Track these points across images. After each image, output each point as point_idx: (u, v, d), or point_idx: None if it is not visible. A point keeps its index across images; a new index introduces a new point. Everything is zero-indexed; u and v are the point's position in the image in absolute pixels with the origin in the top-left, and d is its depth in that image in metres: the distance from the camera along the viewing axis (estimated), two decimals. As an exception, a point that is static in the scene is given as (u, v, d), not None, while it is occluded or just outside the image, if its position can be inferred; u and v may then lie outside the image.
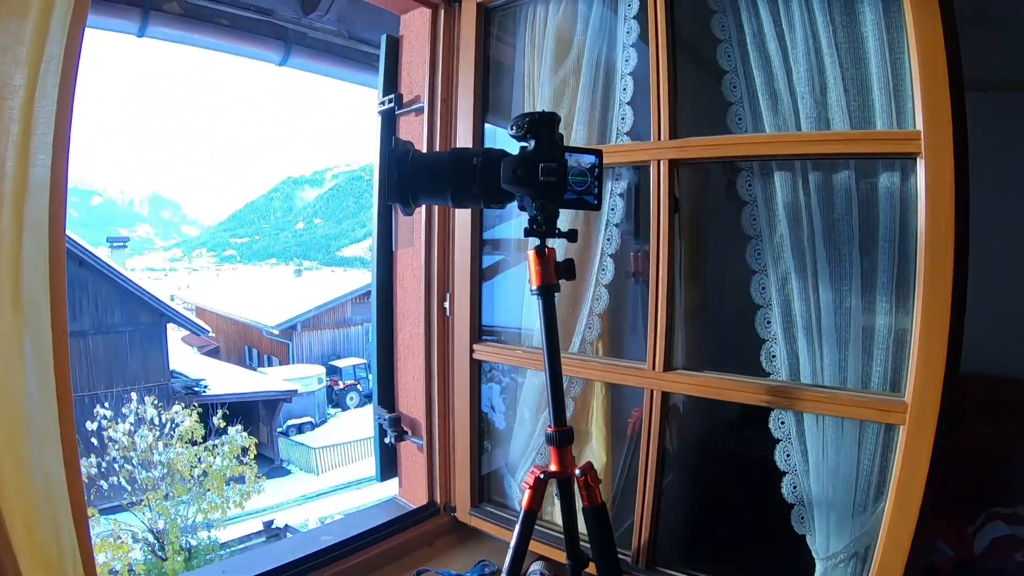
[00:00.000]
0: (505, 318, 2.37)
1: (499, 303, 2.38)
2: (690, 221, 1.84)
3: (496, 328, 2.37)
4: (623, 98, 1.96)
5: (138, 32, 4.74)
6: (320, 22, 4.98)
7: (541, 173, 1.30)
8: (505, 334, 2.37)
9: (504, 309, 2.38)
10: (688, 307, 1.87)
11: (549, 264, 1.36)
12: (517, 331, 2.31)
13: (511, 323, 2.36)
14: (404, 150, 1.40)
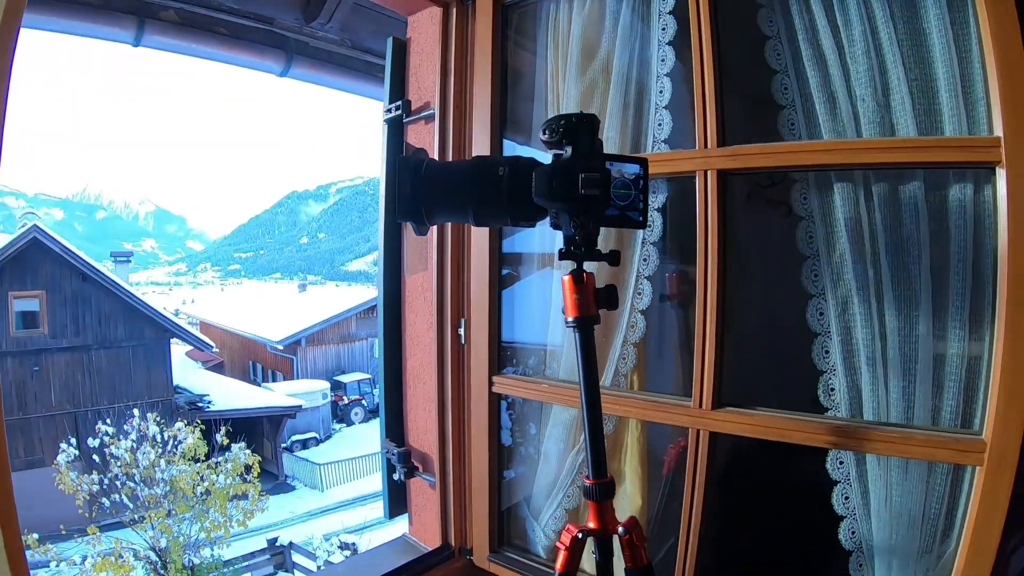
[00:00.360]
0: (526, 333, 2.17)
1: (520, 315, 2.18)
2: (737, 239, 1.63)
3: (516, 345, 2.17)
4: (659, 101, 1.75)
5: (133, 41, 4.58)
6: (322, 31, 4.82)
7: (581, 185, 1.09)
8: (527, 352, 2.17)
9: (526, 323, 2.17)
10: (736, 335, 1.66)
11: (588, 292, 1.16)
12: (541, 348, 2.11)
13: (533, 339, 2.16)
14: (418, 159, 1.20)
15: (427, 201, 1.19)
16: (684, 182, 1.66)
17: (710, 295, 1.58)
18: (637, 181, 1.18)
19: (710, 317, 1.58)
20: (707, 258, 1.57)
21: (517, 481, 2.22)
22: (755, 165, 1.55)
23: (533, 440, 2.19)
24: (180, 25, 4.61)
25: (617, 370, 1.84)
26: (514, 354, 2.18)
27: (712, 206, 1.57)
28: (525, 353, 2.19)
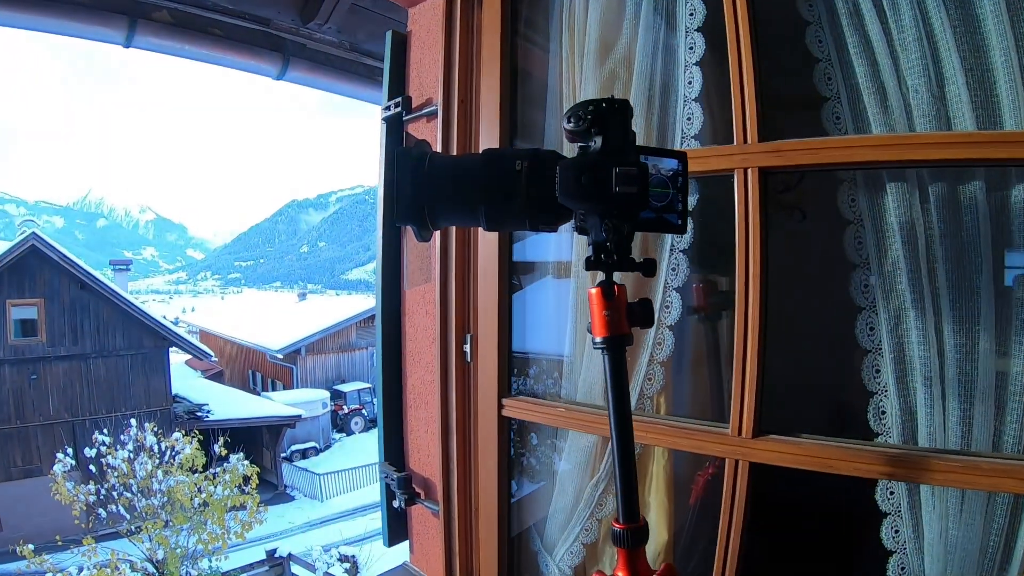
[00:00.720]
0: (539, 340, 2.00)
1: (532, 328, 2.00)
2: (778, 245, 1.45)
3: (529, 355, 1.99)
4: (688, 93, 1.57)
5: (124, 42, 4.44)
6: (320, 32, 4.69)
7: (616, 182, 0.91)
8: (539, 368, 1.98)
9: (538, 336, 2.00)
10: (778, 353, 1.48)
11: (620, 307, 0.98)
12: (555, 361, 1.93)
13: (546, 353, 1.99)
14: (420, 153, 1.02)
15: (431, 201, 1.02)
16: (718, 182, 1.49)
17: (752, 309, 1.39)
18: (675, 178, 1.01)
19: (751, 334, 1.39)
20: (748, 267, 1.39)
21: (529, 510, 2.04)
22: (801, 163, 1.37)
23: (547, 464, 2.01)
24: (173, 26, 4.46)
25: (642, 392, 1.65)
26: (525, 368, 2.01)
27: (753, 208, 1.39)
28: (537, 368, 2.01)
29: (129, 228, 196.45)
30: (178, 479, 11.93)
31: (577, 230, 0.99)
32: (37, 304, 15.26)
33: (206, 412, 17.71)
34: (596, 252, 0.96)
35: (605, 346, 0.98)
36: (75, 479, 12.11)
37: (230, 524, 12.13)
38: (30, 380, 15.02)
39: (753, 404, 1.41)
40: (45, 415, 15.06)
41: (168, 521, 11.68)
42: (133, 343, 16.75)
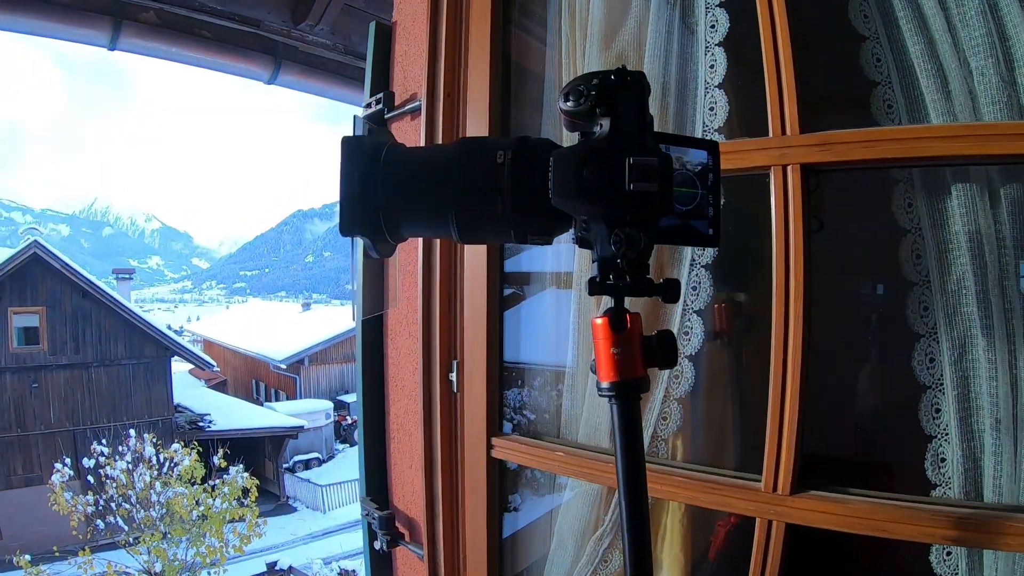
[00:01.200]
0: (536, 350, 1.77)
1: (530, 336, 1.77)
2: (821, 260, 1.20)
3: (523, 365, 1.76)
4: (710, 78, 1.32)
5: (109, 44, 4.26)
6: (312, 34, 4.50)
7: (630, 176, 0.67)
8: (537, 388, 1.75)
9: (537, 347, 1.76)
10: (821, 389, 1.23)
11: (633, 343, 0.74)
12: (556, 370, 1.70)
13: (544, 358, 1.77)
14: (375, 143, 0.79)
15: (388, 205, 0.78)
16: (748, 183, 1.24)
17: (793, 337, 1.13)
18: (705, 175, 0.78)
19: (792, 367, 1.13)
20: (788, 286, 1.13)
21: (522, 561, 1.78)
22: (853, 158, 1.11)
23: (544, 510, 1.76)
24: (159, 27, 4.29)
25: (656, 433, 1.38)
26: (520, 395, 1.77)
27: (795, 214, 1.13)
28: (534, 395, 1.77)
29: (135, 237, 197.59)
30: (177, 491, 11.93)
31: (577, 242, 0.75)
32: (39, 312, 15.26)
33: (208, 422, 17.67)
34: (603, 271, 0.72)
35: (613, 394, 0.74)
36: (74, 489, 12.04)
37: (229, 537, 12.09)
38: (31, 388, 15.03)
39: (792, 453, 1.15)
40: (46, 424, 15.03)
41: (166, 533, 11.69)
42: (135, 352, 16.74)
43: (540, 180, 0.71)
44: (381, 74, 2.03)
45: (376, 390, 1.99)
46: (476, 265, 1.62)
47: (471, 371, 1.62)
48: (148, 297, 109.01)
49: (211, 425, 17.49)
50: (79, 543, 11.16)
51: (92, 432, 14.81)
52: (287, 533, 17.52)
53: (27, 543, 12.43)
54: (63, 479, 11.79)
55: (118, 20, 4.07)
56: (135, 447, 12.30)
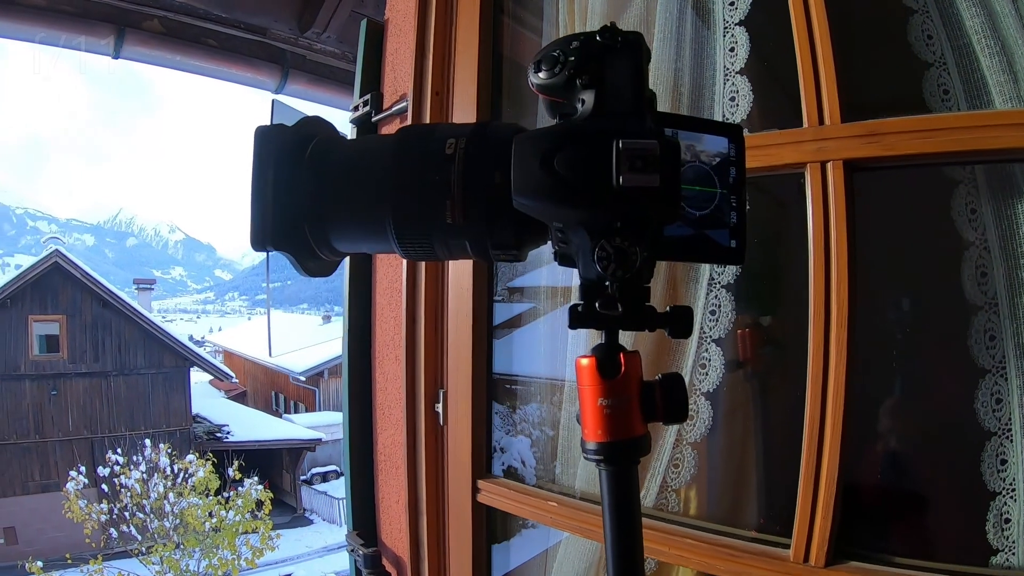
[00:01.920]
0: (534, 376, 1.59)
1: (529, 344, 1.59)
2: (866, 278, 1.00)
3: (516, 377, 1.57)
4: (731, 64, 1.13)
5: (113, 53, 4.18)
6: (320, 42, 4.38)
7: (619, 164, 0.48)
8: (531, 406, 1.55)
9: (535, 357, 1.58)
10: (864, 435, 1.02)
11: (629, 391, 0.54)
12: (555, 383, 1.52)
13: (541, 387, 1.57)
14: (300, 136, 0.61)
15: (313, 213, 0.60)
16: (777, 183, 1.05)
17: (834, 370, 0.92)
18: (725, 169, 0.59)
19: (832, 409, 0.93)
20: (829, 309, 0.93)
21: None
22: (908, 151, 0.91)
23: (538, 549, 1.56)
24: (164, 36, 4.20)
25: (665, 483, 1.17)
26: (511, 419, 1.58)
27: (837, 220, 0.93)
28: (533, 390, 1.57)
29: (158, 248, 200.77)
30: (191, 502, 11.91)
31: (557, 258, 0.57)
32: (59, 320, 15.40)
33: (226, 433, 17.68)
34: (587, 296, 0.53)
35: (601, 458, 0.55)
36: (89, 497, 12.08)
37: (242, 550, 12.04)
38: (50, 396, 15.14)
39: (828, 514, 0.93)
40: (64, 431, 15.13)
41: (180, 544, 11.58)
42: (154, 362, 16.82)
43: (503, 176, 0.52)
44: (372, 74, 1.88)
45: (363, 417, 1.82)
46: (461, 282, 1.43)
47: (456, 405, 1.44)
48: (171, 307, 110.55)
49: (229, 436, 17.50)
50: (92, 551, 11.16)
51: (110, 440, 14.88)
52: (302, 546, 17.45)
53: (42, 548, 12.51)
54: (78, 487, 11.81)
55: (121, 28, 3.99)
56: (150, 457, 12.30)
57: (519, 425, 1.54)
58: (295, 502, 19.81)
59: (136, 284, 22.07)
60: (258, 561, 12.21)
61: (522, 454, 1.56)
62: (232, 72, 4.43)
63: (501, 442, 1.50)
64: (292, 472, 19.76)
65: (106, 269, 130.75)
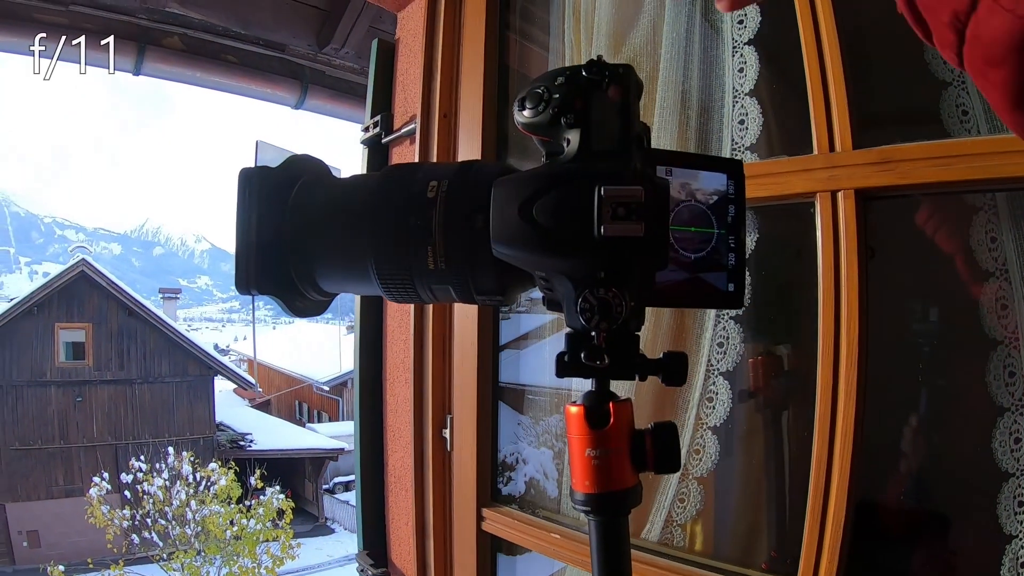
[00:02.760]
0: (542, 397, 1.56)
1: (538, 364, 1.56)
2: (879, 310, 0.95)
3: (524, 387, 1.55)
4: (740, 85, 1.10)
5: (133, 70, 4.24)
6: (338, 58, 4.41)
7: (601, 213, 0.45)
8: (539, 426, 1.52)
9: (545, 377, 1.55)
10: (875, 470, 0.98)
11: (619, 441, 0.52)
12: (561, 392, 1.48)
13: (541, 380, 1.54)
14: (286, 177, 0.60)
15: (301, 255, 0.59)
16: (788, 213, 1.01)
17: (844, 404, 0.89)
18: (723, 207, 0.56)
19: (841, 444, 0.89)
20: (838, 342, 0.89)
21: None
22: (922, 180, 0.87)
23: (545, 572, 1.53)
24: (184, 52, 4.26)
25: (670, 517, 1.13)
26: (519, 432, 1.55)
27: (848, 249, 0.90)
28: (539, 401, 1.54)
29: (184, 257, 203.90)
30: (212, 509, 11.98)
31: (546, 302, 0.54)
32: (86, 328, 15.63)
33: (249, 441, 17.76)
34: (572, 346, 0.50)
35: (589, 509, 0.52)
36: (112, 503, 12.24)
37: (263, 558, 12.08)
38: (75, 402, 15.33)
39: (836, 556, 0.89)
40: (89, 437, 15.32)
41: (201, 551, 11.61)
42: (178, 370, 16.96)
43: (484, 221, 0.50)
44: (383, 95, 1.87)
45: (375, 438, 1.80)
46: (467, 310, 1.41)
47: (461, 432, 1.41)
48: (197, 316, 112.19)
49: (252, 444, 17.59)
50: (114, 556, 11.28)
51: (133, 447, 15.03)
52: (323, 555, 17.43)
53: (64, 553, 12.66)
54: (101, 493, 11.95)
55: (142, 45, 4.05)
56: (173, 464, 12.41)
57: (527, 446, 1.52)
58: (317, 511, 19.83)
59: (162, 293, 22.32)
60: (278, 570, 12.21)
61: (530, 477, 1.54)
62: (252, 88, 4.48)
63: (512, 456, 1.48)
64: (314, 481, 19.80)
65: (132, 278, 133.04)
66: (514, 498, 1.53)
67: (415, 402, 1.50)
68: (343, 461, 20.54)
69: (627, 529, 0.54)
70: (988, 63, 0.32)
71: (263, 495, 12.61)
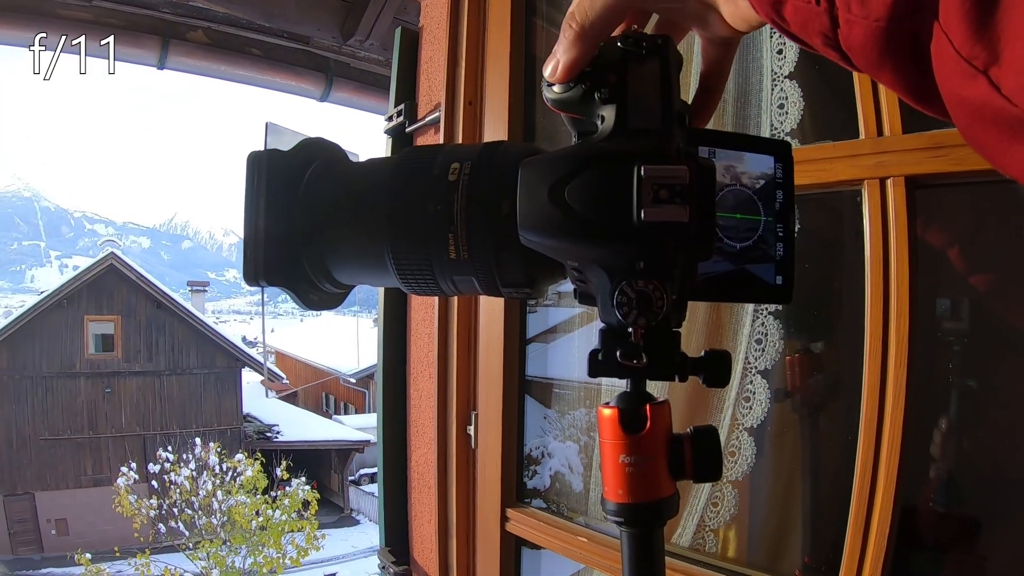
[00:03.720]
0: (571, 391, 1.51)
1: (567, 357, 1.52)
2: (930, 302, 0.89)
3: (551, 381, 1.52)
4: (779, 67, 1.05)
5: (158, 64, 4.27)
6: (363, 50, 4.40)
7: (643, 195, 0.41)
8: (567, 422, 1.48)
9: (573, 371, 1.51)
10: (921, 475, 0.92)
11: (656, 447, 0.48)
12: (590, 386, 1.43)
13: (569, 374, 1.50)
14: (298, 161, 0.56)
15: (313, 244, 0.55)
16: (832, 201, 0.96)
17: (892, 405, 0.83)
18: (771, 192, 0.51)
19: (888, 449, 0.83)
20: (887, 338, 0.84)
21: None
22: (978, 166, 0.81)
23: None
24: (208, 46, 4.27)
25: (703, 522, 1.09)
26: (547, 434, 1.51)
27: (898, 240, 0.84)
28: (568, 395, 1.50)
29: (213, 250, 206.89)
30: (238, 500, 12.16)
31: (577, 295, 0.50)
32: (114, 321, 15.92)
33: (276, 432, 17.98)
34: (607, 344, 0.46)
35: (622, 520, 0.48)
36: (139, 493, 12.48)
37: (287, 548, 12.25)
38: (104, 393, 15.64)
39: (879, 565, 0.84)
40: (117, 428, 15.62)
41: (226, 540, 11.80)
42: (206, 362, 17.22)
43: (511, 206, 0.46)
44: (407, 84, 1.85)
45: (397, 434, 1.78)
46: (493, 303, 1.37)
47: (486, 430, 1.38)
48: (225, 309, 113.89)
49: (279, 436, 17.81)
50: (141, 545, 11.50)
51: (161, 438, 15.31)
52: (348, 545, 17.62)
53: (92, 541, 12.94)
54: (128, 482, 12.18)
55: (166, 40, 4.07)
56: (200, 455, 12.60)
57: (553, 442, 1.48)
58: (342, 502, 20.04)
59: (190, 286, 22.65)
60: (303, 560, 12.37)
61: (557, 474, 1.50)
62: (277, 81, 4.49)
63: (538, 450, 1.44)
64: (340, 472, 20.00)
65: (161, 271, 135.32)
66: (539, 492, 1.50)
67: (439, 398, 1.47)
68: (369, 453, 20.73)
69: (662, 542, 0.49)
70: (872, 69, 0.32)
71: (289, 486, 12.77)
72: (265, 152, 0.57)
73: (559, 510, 1.42)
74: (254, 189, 0.55)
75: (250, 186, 0.55)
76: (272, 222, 0.55)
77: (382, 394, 1.82)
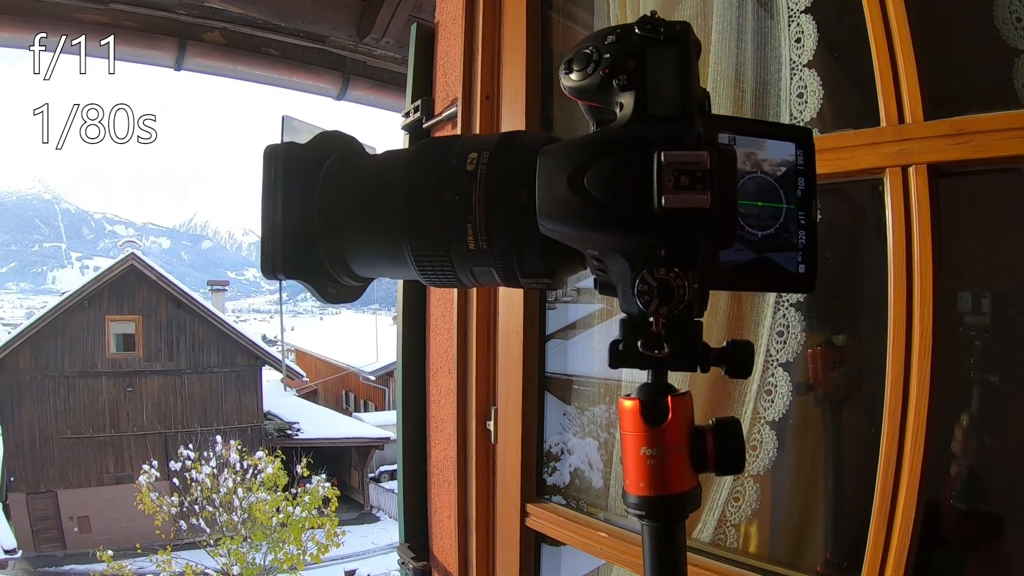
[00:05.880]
0: (583, 360, 1.50)
1: (587, 351, 1.51)
2: (955, 290, 0.88)
3: (571, 377, 1.51)
4: (797, 56, 1.04)
5: (175, 65, 4.31)
6: (379, 48, 4.40)
7: (663, 181, 0.41)
8: (588, 417, 1.48)
9: (594, 365, 1.50)
10: (946, 469, 0.90)
11: (677, 439, 0.47)
12: (610, 382, 1.43)
13: (589, 370, 1.49)
14: (314, 155, 0.57)
15: (331, 237, 0.56)
16: (853, 190, 0.94)
17: (916, 396, 0.82)
18: (792, 179, 0.51)
19: (911, 448, 0.82)
20: (911, 329, 0.83)
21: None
22: (1002, 153, 0.79)
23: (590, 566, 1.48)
24: (225, 47, 4.30)
25: (723, 517, 1.08)
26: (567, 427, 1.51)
27: (921, 229, 0.83)
28: (587, 392, 1.49)
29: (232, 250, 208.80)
30: (259, 497, 12.20)
31: (598, 285, 0.50)
32: (135, 320, 16.08)
33: (296, 430, 18.06)
34: (628, 333, 0.46)
35: (643, 513, 0.47)
36: (161, 490, 12.60)
37: (308, 545, 12.29)
38: (126, 392, 15.79)
39: (903, 560, 0.82)
40: (139, 426, 15.78)
41: (247, 537, 11.86)
42: (227, 361, 17.31)
43: (530, 195, 0.46)
44: (423, 79, 1.85)
45: (417, 430, 1.78)
46: (512, 296, 1.37)
47: (506, 424, 1.38)
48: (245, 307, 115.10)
49: (299, 433, 17.88)
50: (162, 542, 11.62)
51: (182, 436, 15.45)
52: (368, 542, 17.67)
53: (114, 538, 13.14)
54: (150, 480, 12.29)
55: (183, 41, 4.10)
56: (221, 453, 12.69)
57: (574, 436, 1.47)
58: (363, 499, 20.10)
59: (210, 285, 22.81)
60: (323, 556, 12.43)
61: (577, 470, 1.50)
62: (294, 80, 4.51)
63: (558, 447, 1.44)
64: (360, 469, 20.05)
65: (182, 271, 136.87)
66: (559, 488, 1.49)
67: (458, 393, 1.47)
68: (389, 450, 20.80)
69: (684, 535, 0.49)
70: None
71: (309, 483, 12.81)
72: (282, 145, 0.58)
73: (579, 506, 1.42)
74: (271, 182, 0.55)
75: (267, 179, 0.56)
76: (289, 215, 0.55)
77: (402, 390, 1.82)
